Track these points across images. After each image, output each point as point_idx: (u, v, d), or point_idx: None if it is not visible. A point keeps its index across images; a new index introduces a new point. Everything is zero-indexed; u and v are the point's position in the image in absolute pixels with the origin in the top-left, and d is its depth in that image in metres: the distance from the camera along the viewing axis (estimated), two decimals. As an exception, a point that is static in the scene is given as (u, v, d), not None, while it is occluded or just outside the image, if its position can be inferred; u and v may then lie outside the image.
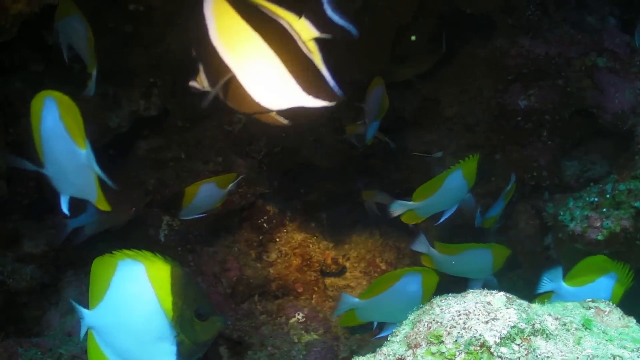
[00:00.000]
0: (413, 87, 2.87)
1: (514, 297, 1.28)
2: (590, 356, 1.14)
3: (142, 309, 1.30)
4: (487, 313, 1.21)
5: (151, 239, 2.67)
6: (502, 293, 1.27)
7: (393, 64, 2.74)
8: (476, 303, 1.23)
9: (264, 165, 2.90)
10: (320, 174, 3.06)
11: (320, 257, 2.94)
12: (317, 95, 1.21)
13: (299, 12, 1.19)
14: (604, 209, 2.08)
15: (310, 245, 2.92)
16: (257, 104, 1.24)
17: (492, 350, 1.14)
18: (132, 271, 1.30)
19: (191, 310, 1.32)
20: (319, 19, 1.16)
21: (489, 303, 1.23)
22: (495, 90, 2.53)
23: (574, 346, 1.18)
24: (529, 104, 2.44)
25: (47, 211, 2.45)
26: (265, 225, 2.91)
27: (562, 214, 2.15)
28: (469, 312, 1.21)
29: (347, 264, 3.06)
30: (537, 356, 1.14)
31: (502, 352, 1.14)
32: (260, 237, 2.91)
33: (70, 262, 2.42)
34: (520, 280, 2.49)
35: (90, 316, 1.31)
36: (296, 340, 2.60)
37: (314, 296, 2.84)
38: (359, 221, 3.10)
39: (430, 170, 2.82)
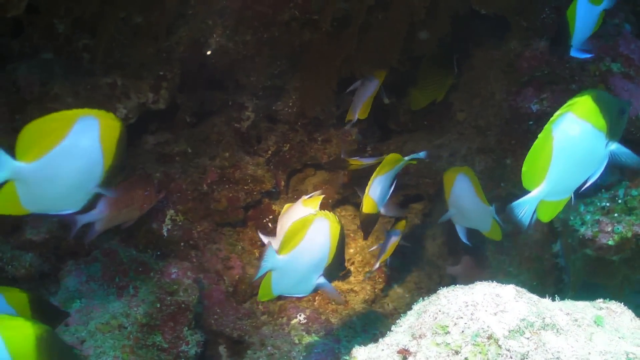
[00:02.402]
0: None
1: (524, 290, 1.24)
2: (603, 352, 1.10)
3: (318, 252, 1.72)
4: (495, 305, 1.18)
5: (154, 233, 2.63)
6: (511, 286, 1.24)
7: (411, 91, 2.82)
8: (484, 295, 1.20)
9: (271, 164, 2.88)
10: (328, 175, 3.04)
11: (324, 260, 2.90)
12: None
13: None
14: (616, 214, 2.04)
15: (315, 248, 2.88)
16: None
17: (500, 342, 1.11)
18: (319, 225, 1.70)
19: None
20: None
21: (497, 295, 1.20)
22: (508, 93, 2.50)
23: (585, 342, 1.14)
24: (541, 108, 2.40)
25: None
26: (270, 224, 2.88)
27: (572, 218, 2.11)
28: (477, 304, 1.18)
29: (352, 268, 3.02)
30: (546, 351, 1.11)
31: (510, 345, 1.11)
32: (265, 237, 2.88)
33: (70, 251, 2.39)
34: (526, 286, 2.44)
35: (280, 261, 1.69)
36: (297, 342, 2.57)
37: (316, 298, 2.80)
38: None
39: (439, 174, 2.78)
